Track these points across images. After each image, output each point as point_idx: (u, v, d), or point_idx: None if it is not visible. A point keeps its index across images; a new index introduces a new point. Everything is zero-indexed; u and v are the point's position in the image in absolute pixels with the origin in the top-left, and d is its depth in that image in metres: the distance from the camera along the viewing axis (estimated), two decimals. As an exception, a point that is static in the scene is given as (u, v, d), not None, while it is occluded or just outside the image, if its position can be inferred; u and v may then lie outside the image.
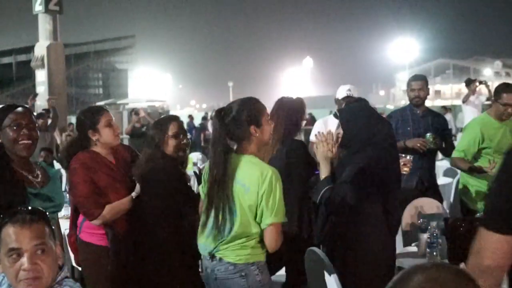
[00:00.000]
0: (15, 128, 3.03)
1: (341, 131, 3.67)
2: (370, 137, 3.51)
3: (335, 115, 5.88)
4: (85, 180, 3.68)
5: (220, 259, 3.22)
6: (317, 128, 5.99)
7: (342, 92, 5.83)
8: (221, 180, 3.17)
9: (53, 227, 2.32)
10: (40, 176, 3.15)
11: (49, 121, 11.22)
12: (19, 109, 3.08)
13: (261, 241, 3.20)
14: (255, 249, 3.20)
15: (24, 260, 2.14)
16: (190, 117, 20.33)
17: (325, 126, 5.85)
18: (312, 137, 6.00)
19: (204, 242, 3.29)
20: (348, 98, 5.77)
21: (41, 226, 2.20)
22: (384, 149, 3.52)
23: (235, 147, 3.27)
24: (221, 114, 3.25)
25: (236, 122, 3.20)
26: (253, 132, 3.20)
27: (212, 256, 3.24)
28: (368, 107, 3.76)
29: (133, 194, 3.79)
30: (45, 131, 10.64)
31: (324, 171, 3.62)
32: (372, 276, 3.47)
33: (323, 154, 3.62)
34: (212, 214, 3.22)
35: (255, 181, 3.10)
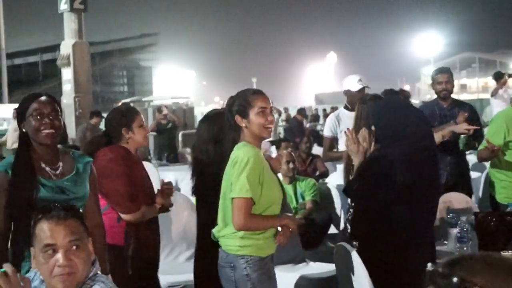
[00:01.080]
0: (38, 117, 3.03)
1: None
2: (400, 132, 3.48)
3: (346, 108, 5.87)
4: (124, 173, 3.74)
5: (220, 246, 3.34)
6: (329, 123, 5.98)
7: (353, 83, 5.77)
8: (223, 168, 3.34)
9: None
10: (60, 168, 3.13)
11: None
12: (43, 98, 3.09)
13: (254, 234, 3.23)
14: (245, 241, 3.22)
15: (59, 256, 2.16)
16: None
17: (337, 120, 5.84)
18: (325, 132, 5.99)
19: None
20: (364, 89, 5.74)
21: (75, 222, 2.22)
22: (415, 145, 3.48)
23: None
24: (229, 103, 3.42)
25: (229, 112, 3.38)
26: (239, 122, 3.31)
27: (218, 243, 3.37)
28: (398, 101, 3.74)
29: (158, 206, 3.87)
30: None
31: (356, 166, 3.62)
32: (401, 276, 3.44)
33: (354, 150, 3.62)
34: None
35: (231, 162, 3.24)
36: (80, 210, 2.36)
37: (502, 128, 5.14)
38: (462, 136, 5.29)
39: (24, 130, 3.08)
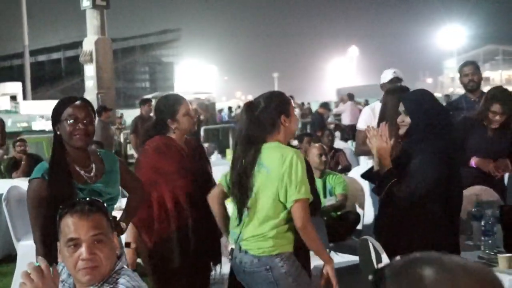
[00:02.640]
0: (72, 122, 3.09)
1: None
2: (435, 125, 3.45)
3: (381, 101, 5.83)
4: (151, 166, 3.88)
5: (246, 251, 3.28)
6: (365, 116, 5.93)
7: (388, 75, 5.78)
8: (246, 168, 3.28)
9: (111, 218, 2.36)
10: (94, 170, 3.20)
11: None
12: (78, 102, 3.14)
13: (286, 230, 3.23)
14: (278, 240, 3.21)
15: (83, 250, 2.19)
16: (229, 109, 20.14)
17: (373, 113, 5.79)
18: (360, 125, 5.94)
19: (233, 230, 3.39)
20: (396, 80, 5.72)
21: (98, 217, 2.25)
22: (447, 137, 3.46)
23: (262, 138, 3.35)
24: (250, 107, 3.38)
25: (267, 112, 3.33)
26: (283, 121, 3.31)
27: (240, 247, 3.31)
28: (428, 93, 3.70)
29: (132, 244, 3.90)
30: None
31: (385, 163, 3.55)
32: None
33: (379, 147, 3.56)
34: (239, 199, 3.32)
35: (276, 162, 3.20)
36: (105, 205, 2.37)
37: None
38: None
39: (58, 132, 3.14)
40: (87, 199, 2.36)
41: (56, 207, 2.40)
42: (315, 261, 3.63)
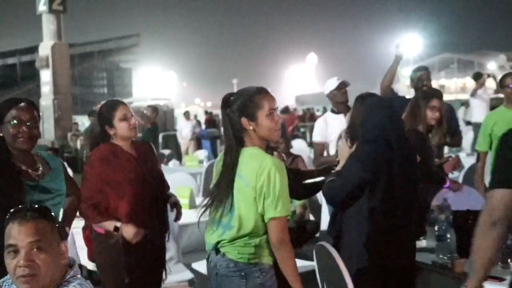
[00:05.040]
0: (16, 123, 3.02)
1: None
2: (369, 134, 3.54)
3: (333, 111, 5.89)
4: (96, 175, 3.84)
5: (224, 254, 3.10)
6: (318, 129, 5.97)
7: (333, 82, 5.81)
8: (225, 174, 3.10)
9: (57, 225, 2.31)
10: (40, 168, 3.16)
11: None
12: (22, 104, 3.07)
13: (267, 244, 3.08)
14: (260, 249, 3.07)
15: (20, 256, 2.15)
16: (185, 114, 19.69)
17: (326, 124, 5.84)
18: (316, 138, 5.98)
19: (208, 238, 3.21)
20: (343, 85, 5.77)
21: (40, 223, 2.19)
22: (379, 146, 3.52)
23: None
24: (225, 102, 3.15)
25: (231, 111, 3.11)
26: (245, 125, 3.07)
27: (217, 250, 3.13)
28: (385, 103, 3.76)
29: (118, 224, 3.82)
30: None
31: (338, 166, 3.66)
32: (363, 274, 3.47)
33: (343, 155, 3.65)
34: (215, 208, 3.14)
35: (253, 174, 2.99)
36: (53, 213, 2.32)
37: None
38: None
39: (1, 134, 3.07)
40: (36, 206, 2.31)
41: (5, 205, 2.36)
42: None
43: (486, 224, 2.38)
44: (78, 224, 4.73)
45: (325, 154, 5.92)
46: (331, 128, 5.69)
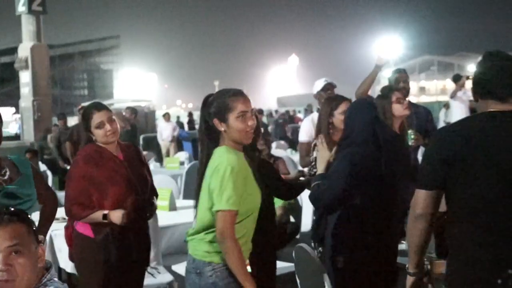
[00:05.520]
0: None
1: None
2: (359, 135, 3.53)
3: (319, 111, 5.89)
4: (81, 176, 3.81)
5: (188, 250, 3.19)
6: (305, 128, 5.97)
7: (320, 84, 5.84)
8: (198, 174, 3.19)
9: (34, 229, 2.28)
10: (8, 173, 3.12)
11: None
12: None
13: None
14: (213, 247, 3.06)
15: None
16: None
17: (313, 124, 5.84)
18: (302, 137, 5.98)
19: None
20: (329, 86, 5.79)
21: (18, 227, 2.15)
22: (369, 148, 3.52)
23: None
24: (204, 103, 3.20)
25: (207, 114, 3.15)
26: (217, 126, 3.11)
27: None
28: (369, 105, 3.77)
29: (106, 212, 3.79)
30: None
31: (319, 169, 3.64)
32: (359, 276, 3.47)
33: (325, 157, 3.65)
34: (194, 207, 3.23)
35: (210, 171, 3.04)
36: (30, 216, 2.29)
37: None
38: (409, 131, 5.31)
39: None
40: (11, 209, 2.28)
41: None
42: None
43: (412, 217, 2.66)
44: (57, 227, 4.71)
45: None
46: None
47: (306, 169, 4.66)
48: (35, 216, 3.48)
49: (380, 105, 4.55)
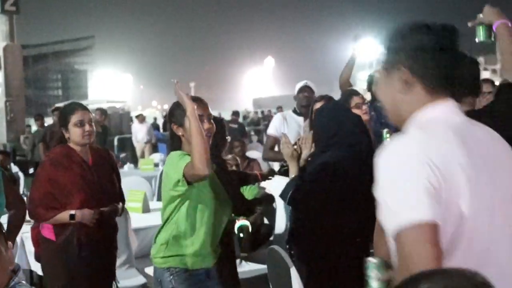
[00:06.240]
0: None
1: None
2: (332, 137, 3.49)
3: (294, 111, 5.91)
4: (47, 179, 3.77)
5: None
6: (276, 122, 5.99)
7: (299, 85, 5.90)
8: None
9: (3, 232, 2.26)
10: None
11: None
12: None
13: (176, 243, 3.08)
14: (168, 251, 3.08)
15: None
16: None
17: (284, 120, 5.87)
18: (270, 130, 6.01)
19: None
20: (304, 88, 5.81)
21: None
22: (346, 151, 3.49)
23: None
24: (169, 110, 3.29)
25: (168, 119, 3.25)
26: (175, 130, 3.16)
27: None
28: (340, 107, 3.76)
29: (73, 212, 3.75)
30: None
31: (292, 171, 3.60)
32: (332, 279, 3.47)
33: (288, 155, 3.61)
34: None
35: (165, 167, 3.15)
36: None
37: None
38: (385, 130, 5.32)
39: None
40: None
41: None
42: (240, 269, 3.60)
43: (378, 226, 2.51)
44: (28, 229, 4.65)
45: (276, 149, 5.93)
46: (289, 127, 5.71)
47: (278, 166, 4.67)
48: (3, 219, 3.45)
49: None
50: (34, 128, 15.72)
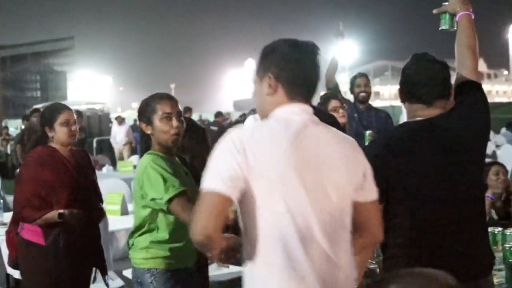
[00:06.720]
0: None
1: None
2: None
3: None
4: (33, 178, 3.72)
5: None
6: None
7: None
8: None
9: None
10: None
11: None
12: None
13: (157, 244, 3.04)
14: (149, 252, 3.04)
15: None
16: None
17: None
18: None
19: None
20: None
21: None
22: None
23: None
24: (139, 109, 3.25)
25: (138, 118, 3.22)
26: (144, 129, 3.13)
27: None
28: (314, 109, 3.76)
29: (62, 211, 3.71)
30: None
31: None
32: None
33: None
34: None
35: (136, 178, 3.08)
36: None
37: None
38: (368, 132, 5.35)
39: None
40: None
41: None
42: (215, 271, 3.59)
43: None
44: (3, 232, 4.61)
45: None
46: None
47: None
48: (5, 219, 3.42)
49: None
50: (12, 129, 15.57)
